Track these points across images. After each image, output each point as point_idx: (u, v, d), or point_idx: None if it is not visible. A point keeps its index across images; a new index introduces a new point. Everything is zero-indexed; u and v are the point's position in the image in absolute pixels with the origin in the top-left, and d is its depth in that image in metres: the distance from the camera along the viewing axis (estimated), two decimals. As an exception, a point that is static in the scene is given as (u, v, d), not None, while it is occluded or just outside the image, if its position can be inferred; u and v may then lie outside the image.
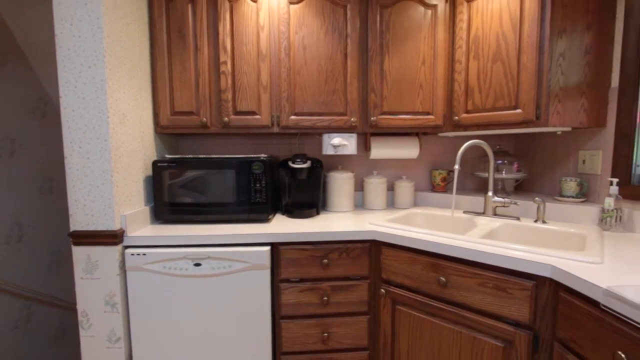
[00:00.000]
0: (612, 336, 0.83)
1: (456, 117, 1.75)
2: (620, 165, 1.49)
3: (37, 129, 2.33)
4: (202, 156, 1.67)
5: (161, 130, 1.72)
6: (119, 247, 1.41)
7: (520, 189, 2.08)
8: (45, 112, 2.40)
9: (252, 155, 1.67)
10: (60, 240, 2.52)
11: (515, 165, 1.88)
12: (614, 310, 0.83)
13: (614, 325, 0.83)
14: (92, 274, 1.40)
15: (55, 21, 1.29)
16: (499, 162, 1.89)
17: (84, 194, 1.36)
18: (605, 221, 1.45)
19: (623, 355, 0.80)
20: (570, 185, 1.65)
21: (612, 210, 1.42)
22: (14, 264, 2.14)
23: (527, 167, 2.02)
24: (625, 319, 0.80)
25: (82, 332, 1.44)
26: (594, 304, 0.89)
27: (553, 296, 1.06)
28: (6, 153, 2.10)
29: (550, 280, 1.06)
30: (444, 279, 1.29)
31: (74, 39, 1.30)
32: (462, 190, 2.13)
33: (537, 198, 1.58)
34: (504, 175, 1.86)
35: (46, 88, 2.38)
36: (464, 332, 1.25)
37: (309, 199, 1.88)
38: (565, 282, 0.98)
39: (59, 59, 1.30)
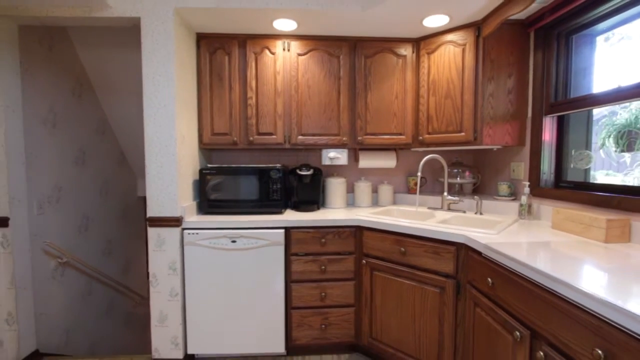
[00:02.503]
0: (487, 271, 1.43)
1: (421, 137, 2.37)
2: (533, 173, 2.10)
3: (100, 144, 2.98)
4: (233, 165, 2.28)
5: (203, 147, 2.35)
6: (179, 229, 2.02)
7: (477, 191, 2.67)
8: (105, 131, 3.04)
9: (269, 165, 2.29)
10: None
11: (467, 173, 2.48)
12: (488, 256, 1.43)
13: (488, 265, 1.43)
14: (160, 247, 2.02)
15: (144, 76, 1.93)
16: (455, 170, 2.50)
17: (158, 191, 1.99)
18: (521, 212, 2.04)
19: (490, 280, 1.39)
20: (503, 188, 2.25)
21: (525, 205, 2.02)
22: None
23: (480, 174, 2.62)
24: (492, 260, 1.40)
25: (152, 289, 2.04)
26: (479, 254, 1.49)
27: (465, 255, 1.65)
28: (80, 161, 2.74)
29: (465, 245, 1.65)
30: (403, 250, 1.89)
31: (155, 87, 1.94)
32: (432, 192, 2.73)
33: (476, 197, 2.18)
34: (458, 180, 2.47)
35: (106, 112, 3.03)
36: (416, 285, 1.85)
37: (311, 198, 2.48)
38: (470, 244, 1.59)
39: (145, 100, 1.94)
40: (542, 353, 1.10)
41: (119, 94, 2.92)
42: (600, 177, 2.02)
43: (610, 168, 2.05)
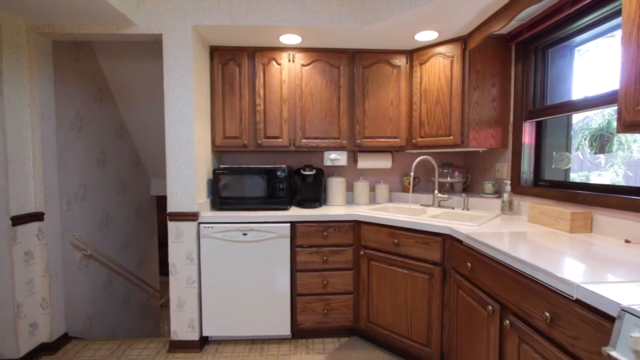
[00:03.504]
0: (467, 257, 1.66)
1: (414, 140, 2.59)
2: (514, 173, 2.32)
3: (118, 146, 3.21)
4: (243, 166, 2.51)
5: (216, 149, 2.58)
6: (196, 223, 2.25)
7: (466, 189, 2.89)
8: (122, 134, 3.28)
9: (276, 166, 2.51)
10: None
11: (457, 173, 2.71)
12: (467, 244, 1.65)
13: (468, 252, 1.65)
14: (179, 240, 2.25)
15: (165, 86, 2.17)
16: (446, 170, 2.72)
17: (177, 189, 2.22)
18: (503, 208, 2.27)
19: (470, 265, 1.62)
20: (488, 186, 2.48)
21: (507, 201, 2.24)
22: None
23: (469, 174, 2.84)
24: (471, 247, 1.62)
25: (171, 277, 2.27)
26: (461, 243, 1.72)
27: (450, 245, 1.88)
28: (101, 162, 2.97)
29: (450, 236, 1.88)
30: (397, 241, 2.12)
31: (175, 96, 2.18)
32: (425, 191, 2.95)
33: (463, 194, 2.41)
34: (448, 179, 2.70)
35: (123, 117, 3.27)
36: (407, 273, 2.07)
37: (314, 195, 2.71)
38: (454, 235, 1.81)
39: (166, 108, 2.18)
40: (508, 322, 1.32)
41: (136, 100, 3.16)
42: (577, 177, 2.24)
43: (587, 168, 2.27)
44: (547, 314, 1.10)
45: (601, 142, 2.12)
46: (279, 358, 2.20)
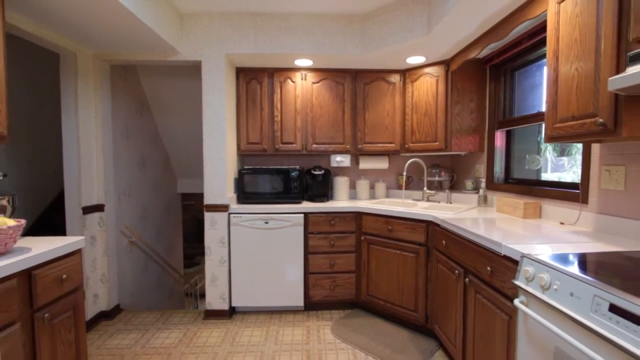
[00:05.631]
0: (443, 237, 2.15)
1: (407, 145, 3.09)
2: (489, 172, 2.81)
3: (153, 151, 3.74)
4: (264, 167, 3.01)
5: (240, 153, 3.09)
6: (226, 213, 2.76)
7: (453, 187, 3.37)
8: (157, 141, 3.81)
9: (290, 167, 3.01)
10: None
11: (443, 173, 3.20)
12: (443, 227, 2.14)
13: (444, 232, 2.14)
14: (214, 227, 2.75)
15: (203, 102, 2.68)
16: (434, 170, 3.21)
17: (213, 186, 2.73)
18: (479, 201, 2.75)
19: (444, 242, 2.11)
20: (469, 184, 2.96)
21: (482, 196, 2.73)
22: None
23: (455, 173, 3.33)
24: (445, 228, 2.11)
25: (207, 258, 2.78)
26: (439, 226, 2.21)
27: (432, 229, 2.37)
28: (141, 164, 3.50)
29: (432, 222, 2.37)
30: (391, 228, 2.61)
31: (211, 110, 2.69)
32: (417, 188, 3.44)
33: (447, 190, 2.90)
34: (437, 178, 3.19)
35: (157, 125, 3.80)
36: (399, 253, 2.56)
37: (322, 191, 3.20)
38: (434, 221, 2.30)
39: (204, 121, 2.69)
40: (467, 279, 1.81)
41: (168, 111, 3.69)
42: (549, 176, 2.71)
43: (553, 170, 2.74)
44: (489, 268, 1.59)
45: (562, 147, 2.60)
46: (294, 323, 2.70)
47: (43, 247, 1.42)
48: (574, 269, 1.10)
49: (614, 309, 0.90)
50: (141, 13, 2.06)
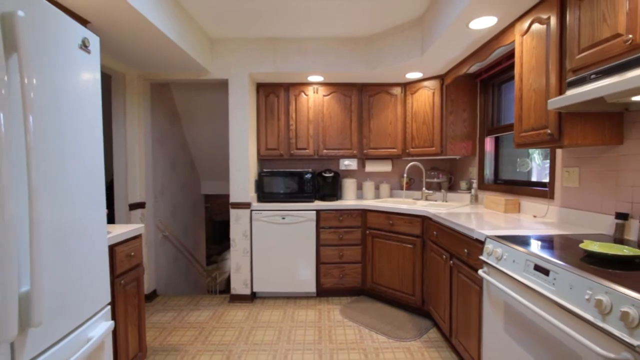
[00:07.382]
0: (434, 229, 2.52)
1: (408, 150, 3.46)
2: (480, 174, 3.16)
3: (181, 156, 4.21)
4: (281, 170, 3.43)
5: (260, 157, 3.52)
6: (249, 210, 3.19)
7: (451, 187, 3.72)
8: (184, 146, 4.29)
9: (304, 170, 3.42)
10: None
11: (441, 175, 3.56)
12: (435, 220, 2.51)
13: (435, 225, 2.51)
14: (238, 222, 3.18)
15: (230, 115, 3.13)
16: (433, 173, 3.58)
17: (237, 187, 3.16)
18: (471, 200, 3.10)
19: (435, 233, 2.48)
20: (463, 185, 3.32)
21: (473, 195, 3.08)
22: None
23: (452, 175, 3.68)
24: (436, 221, 2.49)
25: (232, 249, 3.21)
26: (431, 220, 2.58)
27: (427, 223, 2.73)
28: (172, 167, 3.96)
29: (426, 217, 2.73)
30: (392, 222, 2.99)
31: (237, 123, 3.13)
32: (418, 189, 3.80)
33: (443, 190, 3.26)
34: (435, 180, 3.55)
35: (185, 133, 4.28)
36: (398, 244, 2.94)
37: (332, 192, 3.60)
38: (428, 216, 2.67)
39: (230, 131, 3.14)
40: (452, 262, 2.18)
41: (195, 120, 4.16)
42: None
43: (539, 172, 3.07)
44: (466, 251, 1.96)
45: (545, 152, 2.93)
46: (308, 306, 3.10)
47: (117, 231, 1.86)
48: (518, 244, 1.48)
49: (537, 267, 1.28)
50: (181, 41, 2.51)
